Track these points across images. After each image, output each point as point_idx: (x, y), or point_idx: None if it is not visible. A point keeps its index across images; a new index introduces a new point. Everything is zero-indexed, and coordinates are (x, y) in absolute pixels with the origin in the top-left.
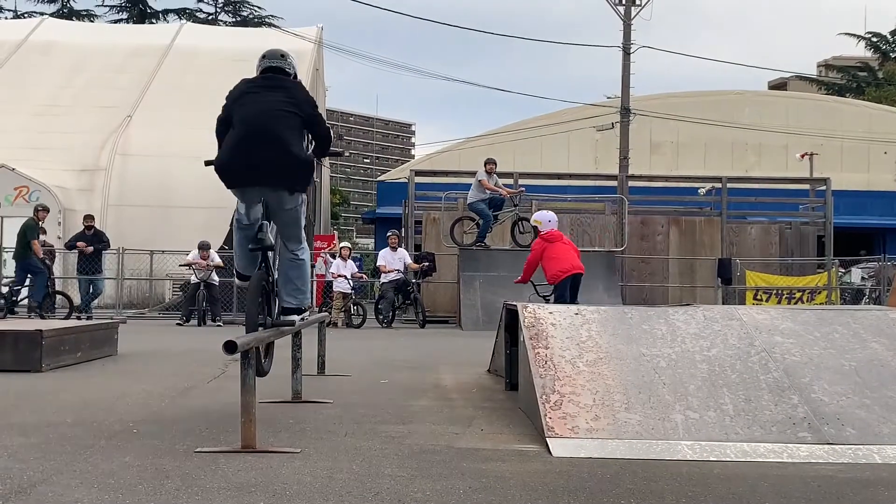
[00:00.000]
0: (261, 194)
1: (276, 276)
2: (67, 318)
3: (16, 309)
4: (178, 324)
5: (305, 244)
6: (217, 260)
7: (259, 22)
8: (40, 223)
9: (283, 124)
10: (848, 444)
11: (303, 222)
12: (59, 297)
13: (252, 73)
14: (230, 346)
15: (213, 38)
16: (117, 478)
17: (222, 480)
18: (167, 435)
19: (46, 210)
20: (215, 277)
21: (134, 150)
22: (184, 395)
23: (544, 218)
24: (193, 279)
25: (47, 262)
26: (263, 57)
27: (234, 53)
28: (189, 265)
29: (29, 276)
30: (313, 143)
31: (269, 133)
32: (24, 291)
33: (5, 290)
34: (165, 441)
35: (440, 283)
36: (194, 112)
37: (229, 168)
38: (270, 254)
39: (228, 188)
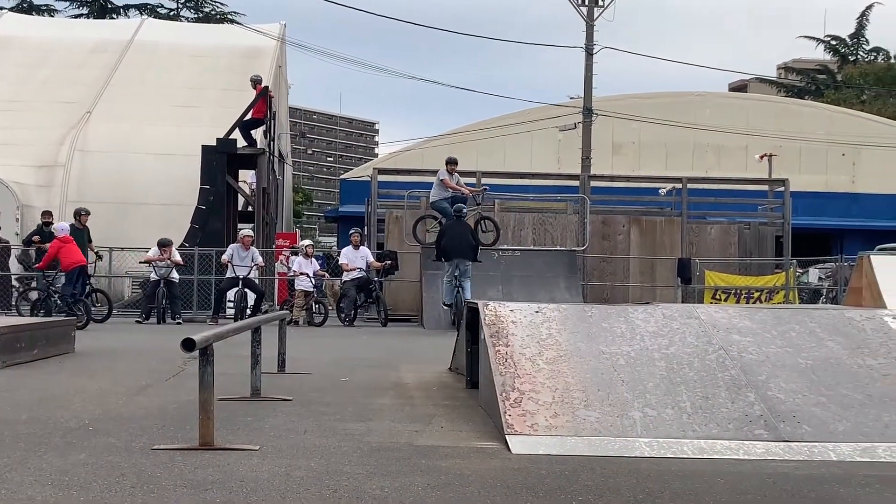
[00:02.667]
0: None
1: None
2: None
3: None
4: (137, 321)
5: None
6: (177, 257)
7: (221, 18)
8: None
9: None
10: (803, 442)
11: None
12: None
13: (213, 70)
14: (188, 344)
15: (174, 33)
16: (71, 475)
17: (178, 478)
18: (123, 432)
19: None
20: (175, 275)
21: (93, 147)
22: (141, 393)
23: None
24: (153, 276)
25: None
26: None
27: (195, 50)
28: (149, 262)
29: None
30: None
31: None
32: None
33: None
34: (122, 439)
35: (402, 282)
36: (155, 108)
37: None
38: None
39: None
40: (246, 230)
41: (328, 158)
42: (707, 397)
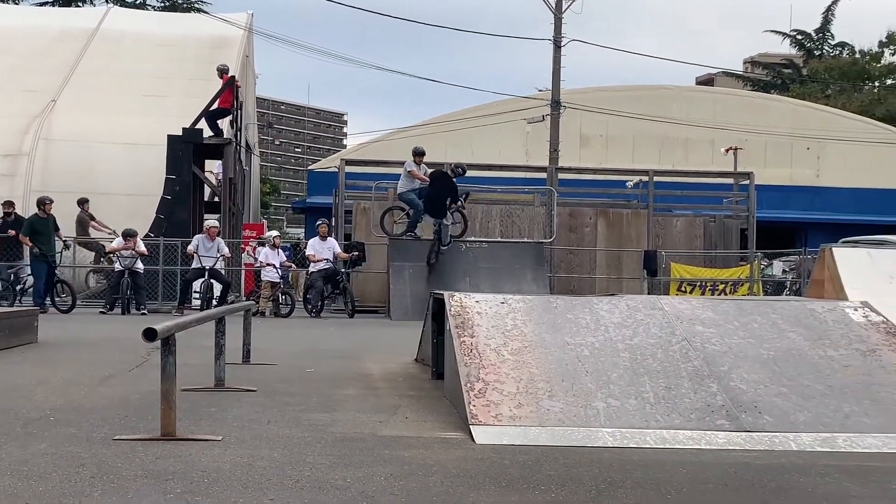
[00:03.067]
0: None
1: None
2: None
3: None
4: (101, 312)
5: None
6: (142, 248)
7: (188, 7)
8: None
9: None
10: (765, 432)
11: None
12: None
13: (180, 59)
14: (149, 334)
15: (140, 22)
16: (31, 465)
17: (139, 468)
18: (85, 423)
19: None
20: (140, 265)
21: (58, 136)
22: (104, 384)
23: None
24: (118, 267)
25: None
26: None
27: (161, 39)
28: (113, 252)
29: None
30: None
31: None
32: None
33: None
34: (83, 429)
35: (370, 273)
36: (120, 97)
37: None
38: None
39: None
40: (211, 220)
41: (296, 149)
42: (670, 388)
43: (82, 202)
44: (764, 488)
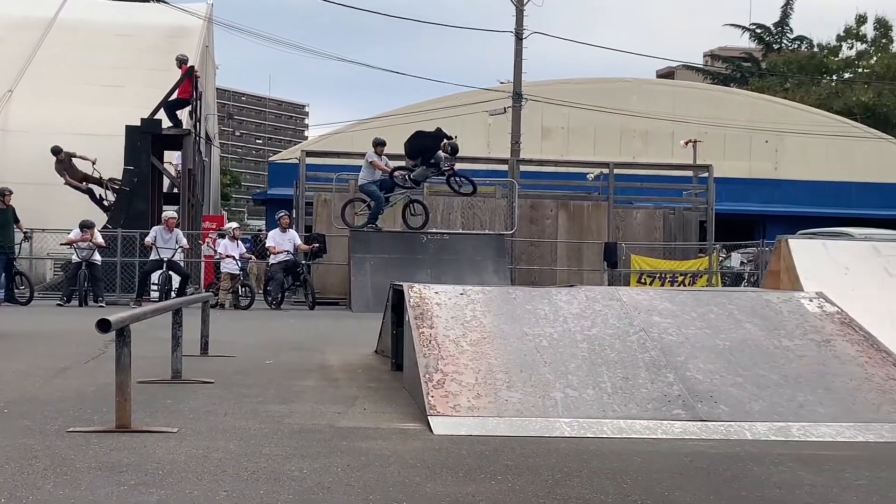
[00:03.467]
0: None
1: None
2: None
3: None
4: (58, 304)
5: None
6: (100, 239)
7: None
8: None
9: None
10: (720, 421)
11: None
12: None
13: (138, 49)
14: (103, 325)
15: (98, 11)
16: None
17: (93, 460)
18: (39, 415)
19: None
20: (97, 257)
21: (15, 126)
22: (59, 376)
23: None
24: (75, 258)
25: None
26: None
27: (120, 28)
28: (70, 244)
29: None
30: None
31: None
32: None
33: None
34: (37, 421)
35: (331, 265)
36: (79, 87)
37: None
38: None
39: None
40: (169, 212)
41: (257, 141)
42: (627, 378)
43: (56, 151)
44: (718, 477)
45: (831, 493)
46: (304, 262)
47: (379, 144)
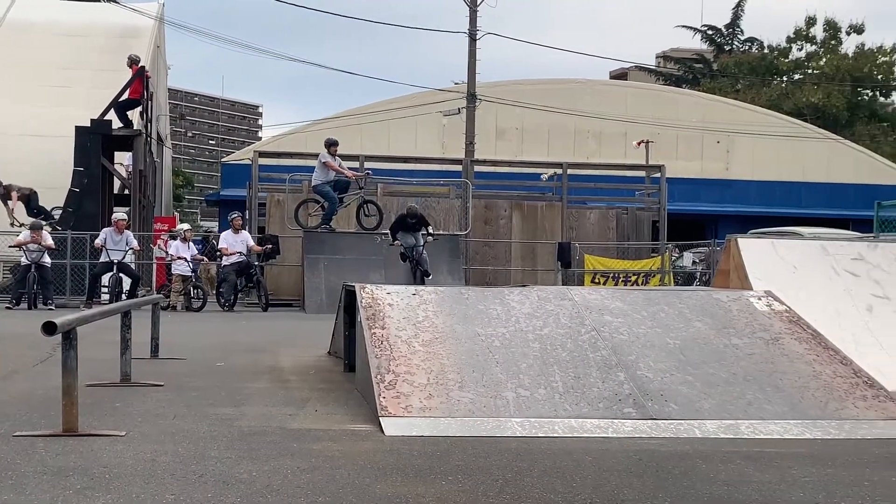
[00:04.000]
0: None
1: None
2: None
3: None
4: (7, 307)
5: None
6: (49, 241)
7: None
8: None
9: None
10: (670, 419)
11: None
12: None
13: (89, 49)
14: (49, 328)
15: (48, 11)
16: None
17: (39, 464)
18: None
19: None
20: (47, 259)
21: None
22: (7, 379)
23: None
24: (24, 261)
25: None
26: None
27: (70, 28)
28: (19, 246)
29: None
30: None
31: None
32: None
33: None
34: None
35: (284, 266)
36: (28, 88)
37: None
38: None
39: None
40: (119, 213)
41: (210, 142)
42: (579, 377)
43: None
44: (667, 474)
45: (778, 490)
46: (257, 263)
47: (332, 145)
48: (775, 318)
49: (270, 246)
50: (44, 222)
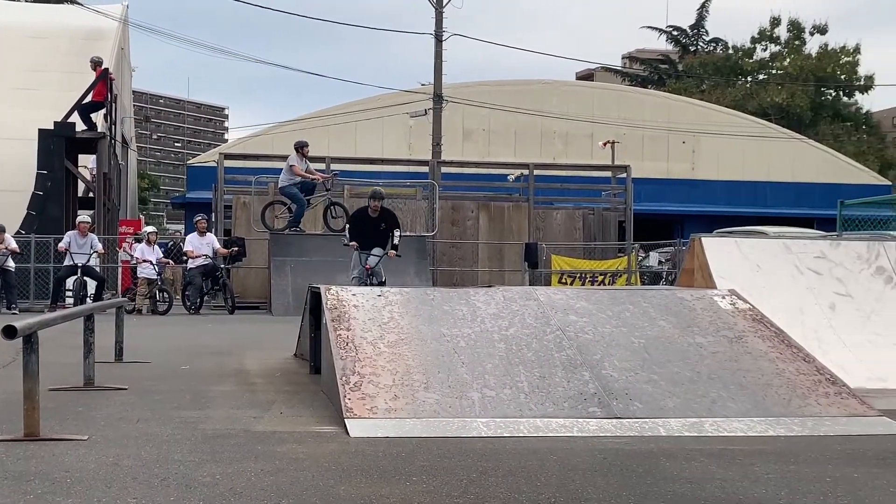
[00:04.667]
0: None
1: None
2: None
3: None
4: None
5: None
6: (13, 245)
7: None
8: None
9: None
10: (635, 418)
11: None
12: None
13: (52, 51)
14: (9, 331)
15: (11, 13)
16: None
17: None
18: None
19: None
20: (11, 263)
21: None
22: None
23: None
24: None
25: None
26: None
27: (33, 30)
28: None
29: None
30: None
31: None
32: None
33: None
34: None
35: (251, 269)
36: None
37: None
38: None
39: None
40: (83, 216)
41: (176, 144)
42: (544, 377)
43: None
44: (632, 473)
45: (741, 487)
46: (223, 265)
47: (302, 146)
48: (739, 316)
49: (237, 248)
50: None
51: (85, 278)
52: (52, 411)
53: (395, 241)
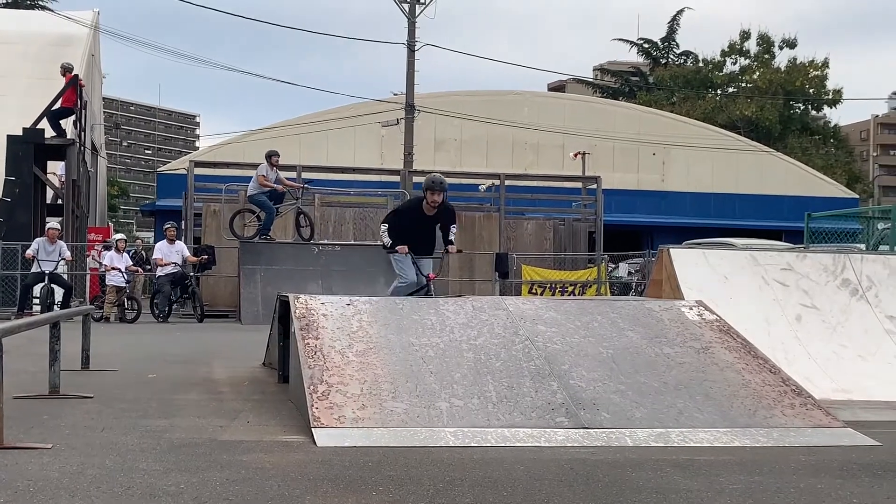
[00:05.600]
0: None
1: None
2: None
3: None
4: None
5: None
6: None
7: (31, 4)
8: None
9: None
10: (602, 428)
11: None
12: None
13: (22, 57)
14: None
15: None
16: None
17: None
18: None
19: None
20: None
21: None
22: None
23: None
24: None
25: None
26: None
27: (2, 36)
28: None
29: None
30: None
31: None
32: None
33: None
34: None
35: (220, 277)
36: None
37: None
38: None
39: None
40: (52, 223)
41: (146, 151)
42: (512, 387)
43: None
44: (598, 483)
45: (706, 498)
46: (192, 273)
47: (272, 156)
48: (706, 327)
49: (206, 256)
50: None
51: (52, 285)
52: (17, 420)
53: (452, 236)
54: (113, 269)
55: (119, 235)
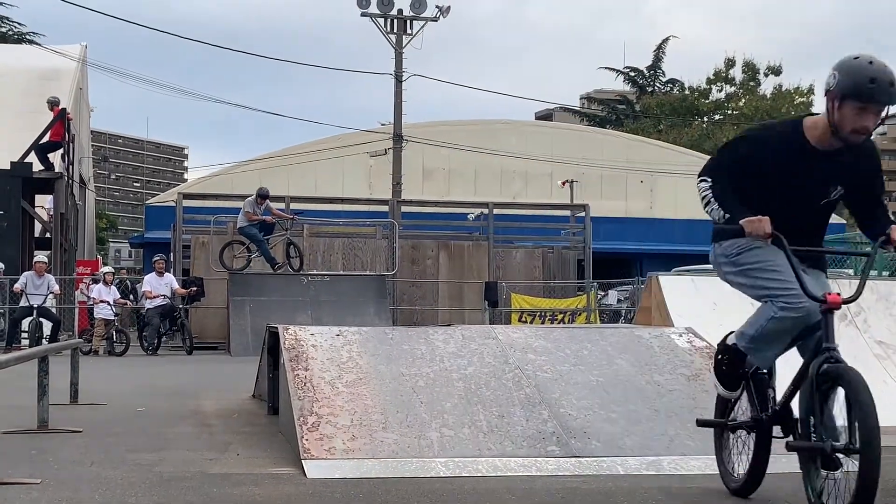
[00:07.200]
0: None
1: None
2: None
3: None
4: None
5: None
6: None
7: (19, 39)
8: None
9: None
10: (593, 457)
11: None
12: None
13: (9, 91)
14: None
15: None
16: None
17: None
18: None
19: None
20: None
21: None
22: None
23: None
24: None
25: None
26: None
27: None
28: None
29: None
30: None
31: None
32: None
33: None
34: None
35: (209, 308)
36: None
37: None
38: None
39: None
40: (40, 257)
41: (135, 184)
42: (503, 416)
43: None
44: None
45: None
46: (181, 306)
47: (262, 196)
48: (696, 354)
49: (195, 288)
50: None
51: (41, 319)
52: (5, 455)
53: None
54: (101, 301)
55: (107, 268)
